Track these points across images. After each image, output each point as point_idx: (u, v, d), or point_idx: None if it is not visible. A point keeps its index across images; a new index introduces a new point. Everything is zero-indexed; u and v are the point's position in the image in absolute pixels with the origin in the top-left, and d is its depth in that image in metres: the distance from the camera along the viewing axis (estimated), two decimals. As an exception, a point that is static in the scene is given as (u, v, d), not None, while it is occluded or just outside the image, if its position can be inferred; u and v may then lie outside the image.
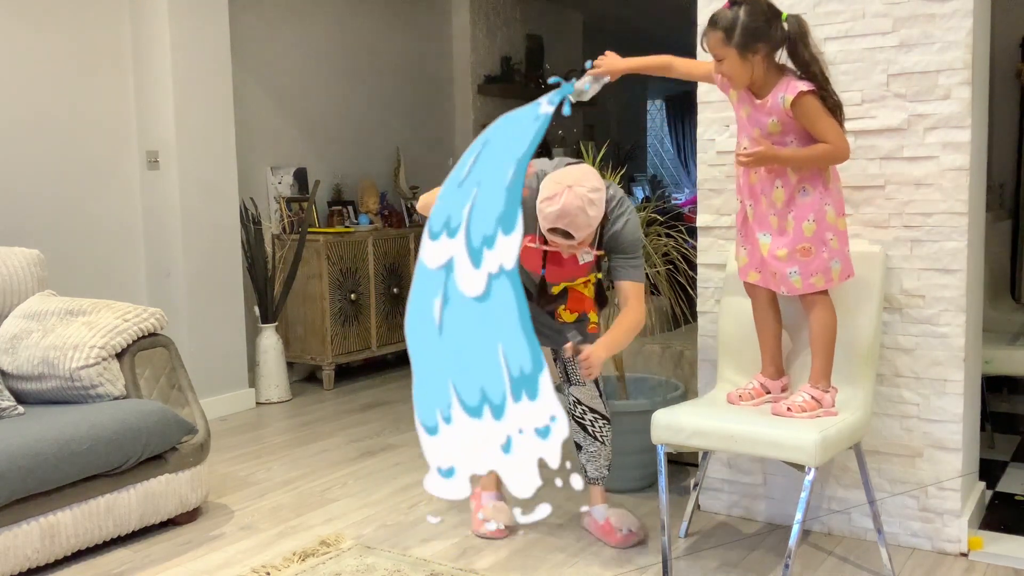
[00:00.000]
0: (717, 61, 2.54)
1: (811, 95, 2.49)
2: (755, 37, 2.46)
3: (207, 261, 4.67)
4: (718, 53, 2.52)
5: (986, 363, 3.60)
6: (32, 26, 4.18)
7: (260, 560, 2.93)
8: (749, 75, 2.52)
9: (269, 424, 4.61)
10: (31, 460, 2.71)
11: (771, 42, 2.49)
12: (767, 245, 2.61)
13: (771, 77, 2.54)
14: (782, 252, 2.58)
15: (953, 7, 2.73)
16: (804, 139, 2.54)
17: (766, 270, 2.65)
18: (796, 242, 2.57)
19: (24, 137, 4.16)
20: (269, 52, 5.41)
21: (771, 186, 2.59)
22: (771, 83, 2.53)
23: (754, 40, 2.46)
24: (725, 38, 2.47)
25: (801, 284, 2.58)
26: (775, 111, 2.52)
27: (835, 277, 2.60)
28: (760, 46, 2.48)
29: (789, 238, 2.57)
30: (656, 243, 3.53)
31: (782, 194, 2.57)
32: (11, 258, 3.46)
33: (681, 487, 3.49)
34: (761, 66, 2.52)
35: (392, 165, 6.20)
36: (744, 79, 2.53)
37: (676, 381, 3.60)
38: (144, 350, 3.31)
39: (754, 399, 2.74)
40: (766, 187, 2.60)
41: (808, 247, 2.56)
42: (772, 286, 2.66)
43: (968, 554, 2.85)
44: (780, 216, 2.59)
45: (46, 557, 2.81)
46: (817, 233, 2.55)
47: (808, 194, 2.56)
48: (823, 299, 2.61)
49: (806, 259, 2.57)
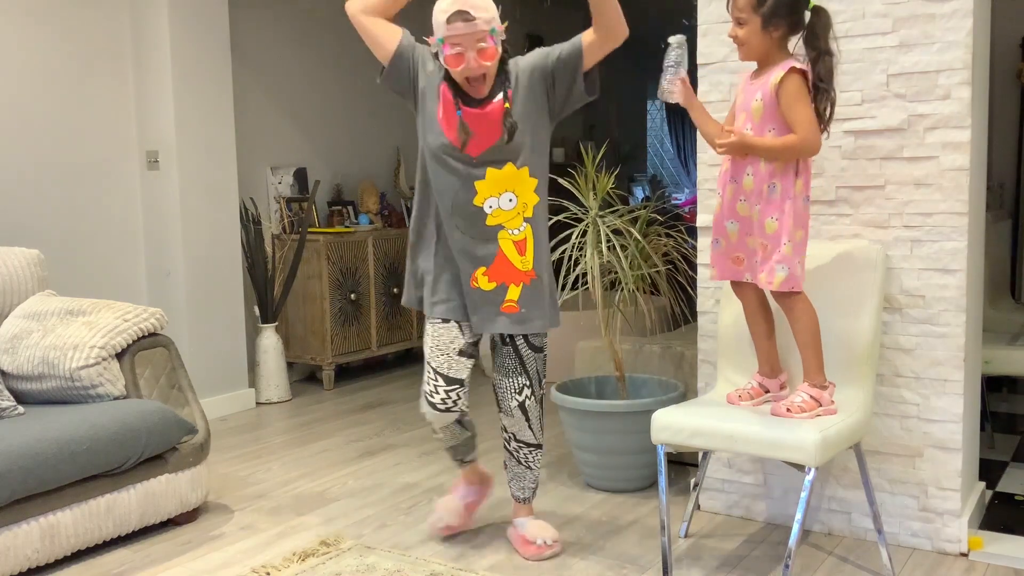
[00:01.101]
0: (737, 24, 2.54)
1: (799, 75, 2.49)
2: (781, 12, 2.48)
3: (207, 261, 4.67)
4: (743, 16, 2.52)
5: (986, 363, 3.60)
6: (32, 26, 4.18)
7: (260, 560, 2.93)
8: (764, 49, 2.53)
9: (269, 424, 4.61)
10: (31, 460, 2.71)
11: (793, 24, 2.52)
12: (736, 232, 2.62)
13: (777, 60, 2.54)
14: (752, 240, 2.60)
15: (953, 7, 2.73)
16: (782, 130, 2.53)
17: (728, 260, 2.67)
18: (760, 236, 2.57)
19: (24, 137, 4.17)
20: (269, 52, 5.41)
21: (742, 172, 2.58)
22: (774, 63, 2.54)
23: (780, 15, 2.49)
24: (756, 4, 2.49)
25: (763, 280, 2.58)
26: (762, 88, 2.53)
27: (776, 283, 2.53)
28: (783, 23, 2.50)
29: (756, 227, 2.58)
30: (656, 243, 3.53)
31: (751, 182, 2.57)
32: (11, 258, 3.46)
33: (681, 487, 3.49)
34: (775, 45, 2.53)
35: (392, 165, 6.20)
36: (757, 50, 2.54)
37: (676, 381, 3.61)
38: (144, 350, 3.31)
39: (753, 399, 2.74)
40: (738, 173, 2.59)
41: (766, 244, 2.56)
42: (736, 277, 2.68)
43: (968, 554, 2.85)
44: (748, 203, 2.59)
45: (46, 557, 2.81)
46: (776, 233, 2.53)
47: (775, 191, 2.53)
48: (800, 296, 2.59)
49: (762, 255, 2.57)
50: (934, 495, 2.88)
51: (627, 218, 3.48)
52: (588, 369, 3.99)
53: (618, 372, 3.55)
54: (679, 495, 3.41)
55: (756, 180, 2.55)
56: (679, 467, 3.66)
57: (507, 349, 2.87)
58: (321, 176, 5.68)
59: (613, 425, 3.37)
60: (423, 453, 4.03)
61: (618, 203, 3.60)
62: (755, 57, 2.58)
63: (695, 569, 2.81)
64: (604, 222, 3.43)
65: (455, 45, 2.61)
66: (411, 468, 3.83)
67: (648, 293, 3.53)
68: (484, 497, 3.18)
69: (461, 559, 2.91)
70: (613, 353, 3.54)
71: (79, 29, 4.37)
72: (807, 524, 3.08)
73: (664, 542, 2.65)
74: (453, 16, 2.58)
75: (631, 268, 3.42)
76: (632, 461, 3.43)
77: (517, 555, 2.93)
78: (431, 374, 2.81)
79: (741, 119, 2.60)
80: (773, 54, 2.55)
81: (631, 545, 2.99)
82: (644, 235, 3.49)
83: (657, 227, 3.59)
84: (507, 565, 2.86)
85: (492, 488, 3.20)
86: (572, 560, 2.89)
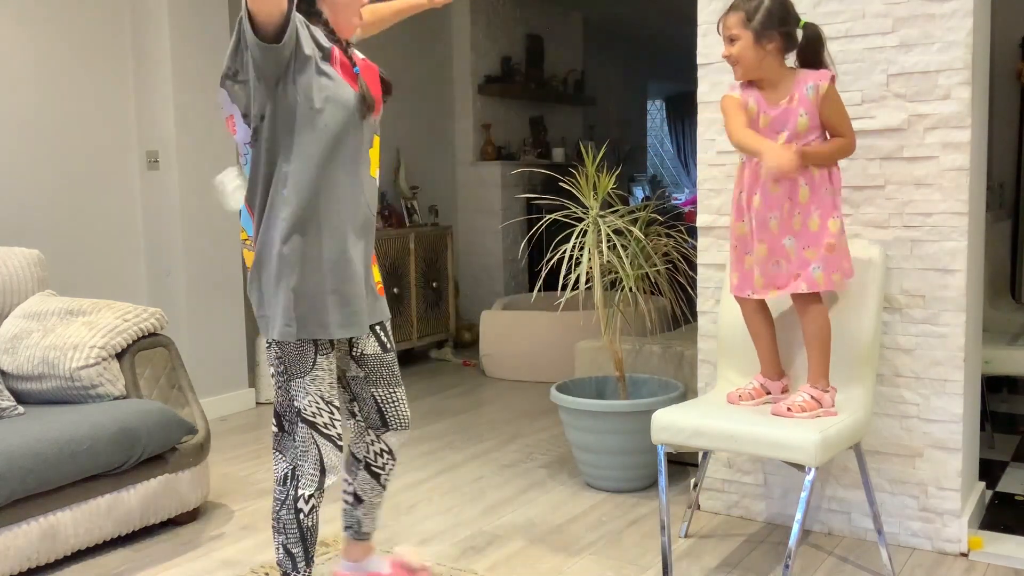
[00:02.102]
0: (729, 43, 2.54)
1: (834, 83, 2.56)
2: (774, 25, 2.49)
3: (207, 261, 4.67)
4: (734, 33, 2.52)
5: (986, 363, 3.60)
6: (32, 26, 4.18)
7: (260, 560, 2.93)
8: (759, 63, 2.52)
9: (269, 424, 4.60)
10: (31, 460, 2.71)
11: (786, 37, 2.52)
12: (793, 248, 2.59)
13: (784, 76, 2.55)
14: (811, 252, 2.57)
15: (953, 7, 2.73)
16: (821, 136, 2.57)
17: (787, 279, 2.61)
18: (822, 238, 2.55)
19: (24, 137, 4.17)
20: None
21: (796, 185, 2.57)
22: (786, 81, 2.55)
23: (772, 27, 2.49)
24: (745, 19, 2.49)
25: (823, 280, 2.56)
26: (804, 104, 2.53)
27: (847, 273, 2.61)
28: (776, 36, 2.50)
29: (814, 235, 2.56)
30: (656, 243, 3.53)
31: (807, 192, 2.56)
32: (11, 258, 3.46)
33: (681, 487, 3.49)
34: (772, 60, 2.53)
35: (392, 165, 6.20)
36: (752, 65, 2.53)
37: (676, 381, 3.61)
38: (144, 350, 3.31)
39: (754, 399, 2.74)
40: (793, 189, 2.57)
41: (833, 243, 2.55)
42: (792, 289, 2.61)
43: (968, 554, 2.85)
44: (804, 213, 2.57)
45: (46, 557, 2.81)
46: (842, 230, 2.57)
47: (830, 192, 2.57)
48: (818, 299, 2.61)
49: (830, 255, 2.55)
50: (934, 495, 2.88)
51: (627, 218, 3.48)
52: (588, 369, 3.99)
53: (618, 372, 3.55)
54: (679, 495, 3.41)
55: (811, 188, 2.56)
56: (679, 467, 3.66)
57: (382, 342, 2.50)
58: (321, 176, 5.68)
59: (613, 425, 3.37)
60: (423, 453, 4.03)
61: (618, 203, 3.60)
62: (752, 73, 2.56)
63: (695, 569, 2.81)
64: (604, 222, 3.43)
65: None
66: (411, 468, 3.83)
67: (648, 293, 3.53)
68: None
69: (461, 559, 2.91)
70: (613, 353, 3.55)
71: (79, 29, 4.37)
72: (807, 524, 3.08)
73: (664, 542, 2.65)
74: None
75: (631, 268, 3.42)
76: (632, 461, 3.43)
77: (518, 555, 2.93)
78: (332, 414, 2.33)
79: (781, 140, 2.57)
80: (776, 69, 2.55)
81: (631, 545, 2.99)
82: (644, 235, 3.49)
83: (657, 227, 3.59)
84: (507, 565, 2.86)
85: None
86: (572, 560, 2.89)
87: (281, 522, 2.29)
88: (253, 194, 2.26)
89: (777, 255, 2.61)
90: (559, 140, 7.82)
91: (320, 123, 2.20)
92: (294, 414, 2.28)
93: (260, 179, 2.23)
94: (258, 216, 2.25)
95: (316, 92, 2.18)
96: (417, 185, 6.33)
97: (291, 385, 2.27)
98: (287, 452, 2.31)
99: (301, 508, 2.28)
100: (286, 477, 2.29)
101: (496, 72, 7.13)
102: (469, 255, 6.98)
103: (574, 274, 3.42)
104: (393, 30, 6.47)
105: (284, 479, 2.30)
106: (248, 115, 2.23)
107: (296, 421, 2.28)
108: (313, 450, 2.27)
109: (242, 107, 2.24)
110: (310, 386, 2.27)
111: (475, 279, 6.96)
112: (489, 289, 6.90)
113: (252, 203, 2.27)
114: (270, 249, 2.21)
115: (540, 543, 3.03)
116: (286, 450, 2.31)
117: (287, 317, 2.19)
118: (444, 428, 4.43)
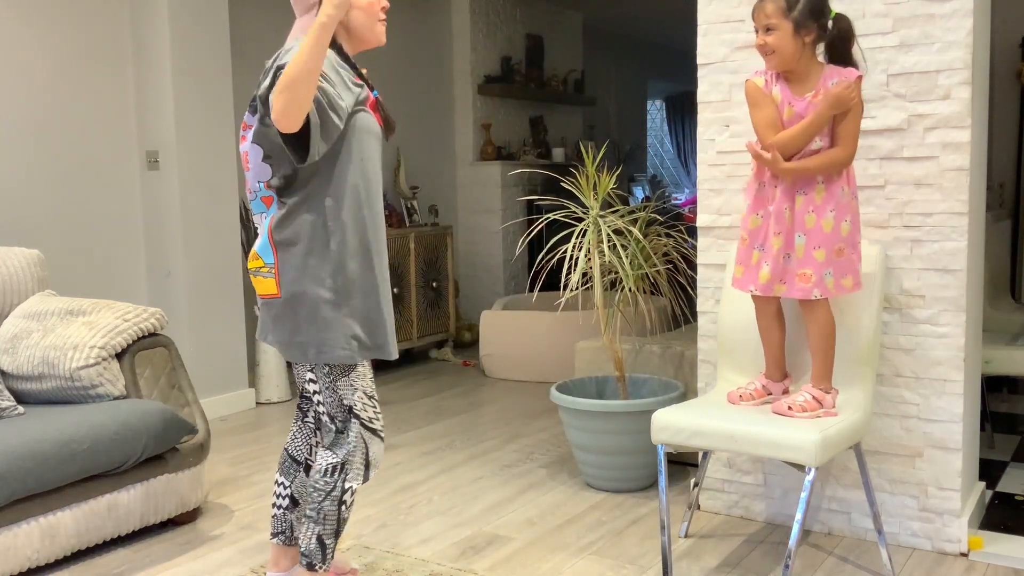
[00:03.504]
0: (765, 32, 2.49)
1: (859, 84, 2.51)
2: (813, 16, 2.46)
3: (207, 261, 4.67)
4: (773, 23, 2.47)
5: (986, 363, 3.60)
6: (32, 26, 4.18)
7: (260, 560, 2.93)
8: (797, 55, 2.49)
9: (269, 424, 4.60)
10: (31, 460, 2.71)
11: (821, 29, 2.50)
12: (803, 246, 2.54)
13: (814, 69, 2.53)
14: (820, 253, 2.52)
15: (953, 7, 2.73)
16: (829, 136, 2.53)
17: (792, 276, 2.57)
18: (833, 242, 2.52)
19: (24, 137, 4.16)
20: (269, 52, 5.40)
21: (813, 182, 2.53)
22: (815, 75, 2.53)
23: (812, 19, 2.46)
24: (786, 8, 2.46)
25: (834, 286, 2.54)
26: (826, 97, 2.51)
27: (858, 280, 2.58)
28: (814, 28, 2.48)
29: (826, 236, 2.52)
30: (656, 243, 3.53)
31: (823, 190, 2.52)
32: (11, 258, 3.46)
33: (681, 487, 3.49)
34: (807, 51, 2.50)
35: (392, 165, 6.20)
36: (790, 56, 2.49)
37: (676, 381, 3.61)
38: (144, 350, 3.31)
39: (755, 399, 2.74)
40: (807, 184, 2.53)
41: (842, 248, 2.52)
42: (799, 293, 2.57)
43: (968, 554, 2.85)
44: (819, 213, 2.52)
45: (46, 557, 2.81)
46: (851, 235, 2.53)
47: (845, 194, 2.53)
48: (825, 302, 2.60)
49: (839, 260, 2.53)
50: (934, 495, 2.88)
51: (628, 218, 3.48)
52: (588, 369, 3.99)
53: (618, 372, 3.55)
54: (679, 495, 3.41)
55: (827, 187, 2.52)
56: (679, 467, 3.66)
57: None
58: (321, 176, 5.68)
59: (613, 425, 3.37)
60: (423, 453, 4.03)
61: (618, 203, 3.60)
62: (788, 64, 2.51)
63: (695, 569, 2.81)
64: (605, 222, 3.43)
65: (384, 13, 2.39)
66: (411, 468, 3.83)
67: (648, 293, 3.53)
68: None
69: (461, 559, 2.91)
70: (613, 353, 3.55)
71: (79, 29, 4.37)
72: (807, 524, 3.08)
73: (664, 542, 2.65)
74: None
75: (631, 268, 3.42)
76: (632, 461, 3.43)
77: (518, 555, 2.93)
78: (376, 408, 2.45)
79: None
80: (807, 61, 2.52)
81: (631, 545, 2.99)
82: (644, 235, 3.49)
83: (657, 227, 3.59)
84: (507, 565, 2.86)
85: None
86: (572, 560, 2.89)
87: (322, 512, 2.36)
88: (286, 227, 2.29)
89: (788, 248, 2.58)
90: (559, 140, 7.82)
91: (361, 154, 2.31)
92: (346, 412, 2.37)
93: (298, 212, 2.28)
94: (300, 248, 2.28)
95: (359, 126, 2.29)
96: (417, 185, 6.33)
97: (337, 385, 2.36)
98: (338, 447, 2.39)
99: (345, 500, 2.38)
100: (335, 469, 2.37)
101: (496, 72, 7.13)
102: (469, 255, 6.99)
103: (574, 274, 3.42)
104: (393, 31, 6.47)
105: (332, 470, 2.37)
106: (272, 157, 2.28)
107: (348, 418, 2.37)
108: (362, 445, 2.39)
109: (267, 149, 2.28)
110: (356, 382, 2.38)
111: (475, 279, 6.96)
112: (489, 289, 6.91)
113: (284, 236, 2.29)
114: (319, 279, 2.27)
115: (540, 543, 3.03)
116: (337, 445, 2.39)
117: (347, 341, 2.30)
118: (444, 428, 4.43)
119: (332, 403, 2.38)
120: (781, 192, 2.55)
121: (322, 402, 2.40)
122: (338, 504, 2.37)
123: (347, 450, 2.38)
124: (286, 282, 2.29)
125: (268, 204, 2.34)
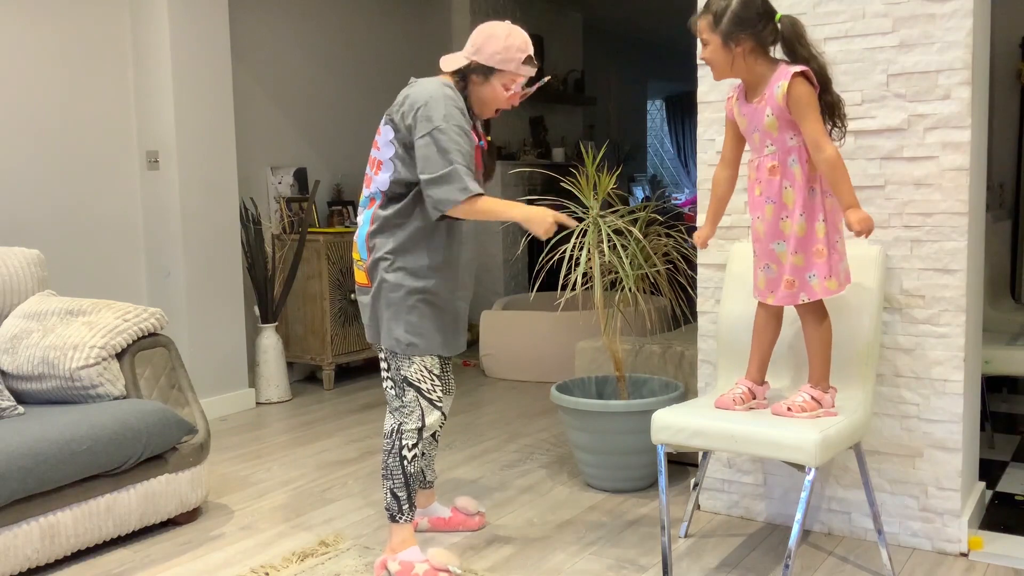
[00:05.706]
0: (703, 45, 2.55)
1: (803, 80, 2.44)
2: (741, 27, 2.45)
3: (207, 261, 4.68)
4: (704, 37, 2.53)
5: (986, 363, 3.60)
6: (32, 26, 4.18)
7: (260, 560, 2.93)
8: (729, 66, 2.51)
9: (269, 424, 4.61)
10: (31, 460, 2.71)
11: (758, 37, 2.47)
12: (785, 253, 2.54)
13: (764, 74, 2.51)
14: (799, 258, 2.52)
15: (953, 7, 2.73)
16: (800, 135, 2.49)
17: (781, 285, 2.56)
18: (811, 244, 2.51)
19: (24, 137, 4.17)
20: (269, 52, 5.41)
21: (779, 189, 2.52)
22: (764, 80, 2.51)
23: (739, 30, 2.45)
24: (713, 23, 2.48)
25: (819, 288, 2.53)
26: (771, 102, 2.48)
27: (843, 280, 2.56)
28: (745, 38, 2.46)
29: (801, 240, 2.51)
30: (656, 243, 3.53)
31: (792, 194, 2.51)
32: (11, 258, 3.46)
33: (681, 487, 3.49)
34: (744, 61, 2.49)
35: (392, 165, 6.19)
36: (723, 68, 2.52)
37: (676, 381, 3.61)
38: (144, 350, 3.31)
39: (745, 403, 2.71)
40: (773, 192, 2.54)
41: (821, 249, 2.51)
42: (790, 300, 2.57)
43: (968, 554, 2.85)
44: (792, 219, 2.52)
45: (46, 557, 2.81)
46: (828, 235, 2.52)
47: (815, 194, 2.51)
48: (820, 302, 2.60)
49: (820, 261, 2.51)
50: (934, 495, 2.88)
51: (627, 218, 3.48)
52: (588, 369, 3.99)
53: (618, 372, 3.56)
54: (679, 495, 3.41)
55: (796, 192, 2.50)
56: (679, 467, 3.66)
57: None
58: (321, 176, 5.69)
59: (613, 425, 3.37)
60: (423, 453, 4.03)
61: (618, 203, 3.60)
62: (725, 75, 2.54)
63: (695, 569, 2.81)
64: (605, 222, 3.43)
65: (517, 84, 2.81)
66: (411, 468, 3.82)
67: (648, 293, 3.53)
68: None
69: (461, 559, 2.90)
70: (613, 353, 3.55)
71: (79, 29, 4.37)
72: (807, 524, 3.08)
73: (664, 542, 2.65)
74: (531, 59, 2.80)
75: (631, 268, 3.42)
76: (632, 461, 3.43)
77: (518, 555, 2.93)
78: (435, 384, 2.80)
79: (756, 139, 2.55)
80: (753, 69, 2.51)
81: (631, 545, 2.99)
82: (644, 235, 3.49)
83: (657, 227, 3.59)
84: (507, 565, 2.86)
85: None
86: (572, 560, 2.89)
87: (389, 468, 2.76)
88: (392, 233, 2.70)
89: (766, 259, 2.59)
90: (559, 140, 7.82)
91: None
92: (402, 380, 2.75)
93: (411, 221, 2.70)
94: (418, 253, 2.71)
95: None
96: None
97: (400, 362, 2.75)
98: (396, 412, 2.77)
99: (405, 456, 2.74)
100: (392, 431, 2.76)
101: (496, 72, 7.12)
102: (469, 255, 6.98)
103: (574, 274, 3.42)
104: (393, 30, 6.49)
105: (391, 432, 2.76)
106: (397, 182, 2.70)
107: (404, 386, 2.75)
108: (417, 410, 2.75)
109: (398, 177, 2.69)
110: (415, 359, 2.75)
111: (475, 279, 6.95)
112: (489, 289, 6.91)
113: (388, 241, 2.71)
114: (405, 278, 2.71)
115: (540, 543, 3.03)
116: (395, 411, 2.77)
117: (428, 336, 2.74)
118: (444, 428, 4.43)
119: (397, 370, 2.76)
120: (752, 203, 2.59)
121: (390, 376, 2.80)
122: (399, 459, 2.73)
123: (402, 413, 2.75)
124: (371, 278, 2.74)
125: (371, 205, 2.75)
